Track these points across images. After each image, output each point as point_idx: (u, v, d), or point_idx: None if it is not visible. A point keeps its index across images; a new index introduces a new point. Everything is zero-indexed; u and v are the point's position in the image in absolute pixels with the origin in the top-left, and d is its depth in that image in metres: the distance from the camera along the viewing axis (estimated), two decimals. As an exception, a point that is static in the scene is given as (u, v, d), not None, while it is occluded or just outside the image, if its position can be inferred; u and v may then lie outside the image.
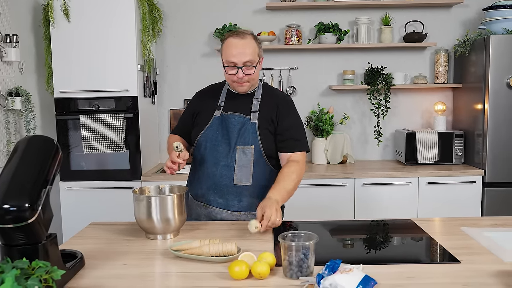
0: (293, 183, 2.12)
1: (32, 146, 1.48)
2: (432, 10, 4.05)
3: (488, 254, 1.70)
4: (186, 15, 4.06)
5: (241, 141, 2.17)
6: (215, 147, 2.20)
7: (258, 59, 2.16)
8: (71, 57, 3.53)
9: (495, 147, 3.53)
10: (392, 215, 3.42)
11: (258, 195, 2.19)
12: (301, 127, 2.28)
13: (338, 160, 3.91)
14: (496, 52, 3.46)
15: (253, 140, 2.17)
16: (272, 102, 2.24)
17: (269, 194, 2.03)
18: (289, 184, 2.10)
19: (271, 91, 2.32)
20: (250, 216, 2.18)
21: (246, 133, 2.17)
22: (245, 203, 2.20)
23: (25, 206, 1.33)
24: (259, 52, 2.18)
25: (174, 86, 4.14)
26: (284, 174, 2.14)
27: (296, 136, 2.23)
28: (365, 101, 4.07)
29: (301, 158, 2.22)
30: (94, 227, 2.11)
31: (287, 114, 2.25)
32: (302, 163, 2.21)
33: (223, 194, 2.20)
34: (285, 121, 2.22)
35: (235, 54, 2.10)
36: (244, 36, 2.13)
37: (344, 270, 1.39)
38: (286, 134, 2.22)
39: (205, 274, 1.55)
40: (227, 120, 2.21)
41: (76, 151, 3.60)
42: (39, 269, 1.23)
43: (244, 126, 2.18)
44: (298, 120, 2.30)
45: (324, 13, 4.04)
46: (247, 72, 2.13)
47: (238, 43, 2.11)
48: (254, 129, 2.18)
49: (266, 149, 2.19)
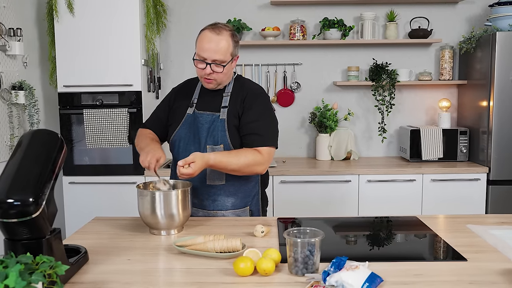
0: (239, 162, 2.01)
1: (36, 140, 1.47)
2: (438, 6, 4.02)
3: (495, 252, 1.68)
4: (190, 9, 4.04)
5: (211, 140, 2.12)
6: (187, 146, 2.17)
7: (230, 59, 2.07)
8: (75, 51, 3.51)
9: (500, 144, 3.51)
10: (396, 212, 3.41)
11: (232, 193, 2.17)
12: (266, 120, 2.14)
13: (342, 156, 3.89)
14: (502, 49, 3.44)
15: (221, 138, 2.11)
16: (240, 96, 2.15)
17: (209, 154, 1.98)
18: (233, 159, 2.01)
19: (243, 84, 2.21)
20: (226, 215, 2.17)
21: (215, 132, 2.12)
22: (220, 202, 2.17)
23: (29, 200, 1.32)
24: (233, 51, 2.08)
25: (178, 81, 4.04)
26: (239, 150, 2.07)
27: (258, 130, 2.10)
28: (370, 97, 4.05)
29: (264, 151, 2.08)
30: (97, 222, 2.11)
31: (251, 106, 2.13)
32: (264, 156, 2.07)
33: (197, 194, 2.17)
34: (247, 114, 2.12)
35: (206, 49, 2.02)
36: (221, 32, 2.04)
37: (350, 267, 1.38)
38: (248, 128, 2.11)
39: (210, 270, 1.54)
40: (197, 118, 2.16)
41: (79, 146, 3.60)
42: (43, 264, 1.22)
43: (213, 124, 2.13)
44: (265, 113, 2.15)
45: (329, 9, 4.02)
46: (215, 70, 2.05)
47: (212, 38, 2.03)
48: (223, 127, 2.12)
49: (236, 146, 2.12)
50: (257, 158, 2.06)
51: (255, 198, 2.26)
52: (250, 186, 2.22)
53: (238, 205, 2.20)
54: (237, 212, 2.20)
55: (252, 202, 2.24)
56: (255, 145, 2.09)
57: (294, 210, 3.43)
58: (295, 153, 4.12)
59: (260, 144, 2.09)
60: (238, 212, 2.20)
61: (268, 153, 2.10)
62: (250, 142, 2.10)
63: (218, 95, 2.19)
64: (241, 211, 2.21)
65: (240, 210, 2.21)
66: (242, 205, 2.21)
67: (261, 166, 2.09)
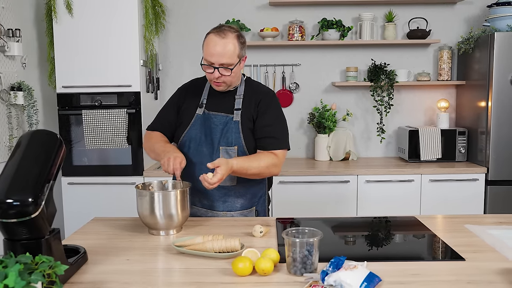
0: (259, 165, 2.06)
1: (35, 140, 1.47)
2: (436, 7, 4.03)
3: (493, 252, 1.69)
4: (189, 10, 4.05)
5: (224, 141, 2.13)
6: (199, 147, 2.17)
7: (237, 61, 2.07)
8: (74, 52, 3.51)
9: (499, 144, 3.52)
10: (394, 212, 3.42)
11: (242, 194, 2.19)
12: (281, 124, 2.19)
13: (341, 156, 3.90)
14: (500, 50, 3.44)
15: (236, 140, 2.13)
16: (253, 99, 2.17)
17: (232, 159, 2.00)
18: (254, 163, 2.06)
19: (254, 87, 2.24)
20: (235, 215, 2.19)
21: (229, 133, 2.13)
22: (230, 203, 2.19)
23: (28, 200, 1.32)
24: (240, 53, 2.07)
25: (176, 82, 4.11)
26: (257, 154, 2.12)
27: (274, 134, 2.15)
28: (368, 98, 4.06)
29: (280, 154, 2.14)
30: (96, 223, 2.11)
31: (266, 110, 2.16)
32: (280, 158, 2.14)
33: (208, 196, 2.18)
34: (263, 118, 2.15)
35: (213, 53, 2.02)
36: (226, 35, 2.03)
37: (349, 267, 1.39)
38: (264, 132, 2.14)
39: (208, 270, 1.54)
40: (209, 119, 2.16)
41: (78, 146, 3.60)
42: (42, 264, 1.23)
43: (226, 126, 2.14)
44: (279, 117, 2.20)
45: (327, 9, 4.02)
46: (223, 73, 2.05)
47: (217, 42, 2.02)
48: (237, 129, 2.13)
49: (249, 148, 2.15)
50: (274, 161, 2.11)
51: (261, 199, 2.28)
52: (258, 187, 2.25)
53: (246, 205, 2.22)
54: (245, 213, 2.22)
55: (259, 202, 2.26)
56: (271, 148, 2.14)
57: (293, 210, 3.43)
58: (294, 153, 4.12)
59: (275, 147, 2.14)
60: (245, 212, 2.22)
61: (283, 155, 2.17)
62: (266, 145, 2.14)
63: (229, 96, 2.19)
64: (248, 211, 2.23)
65: (247, 211, 2.23)
66: (249, 206, 2.23)
67: (277, 168, 2.14)
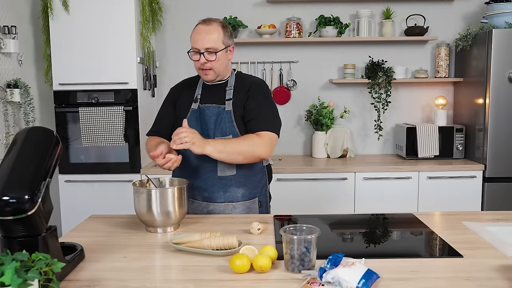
0: (239, 143, 2.08)
1: (31, 137, 1.46)
2: (434, 3, 4.02)
3: (491, 248, 1.69)
4: (186, 7, 4.04)
5: (219, 131, 2.17)
6: None
7: (223, 47, 2.13)
8: (70, 49, 3.50)
9: (496, 141, 3.52)
10: (392, 209, 3.40)
11: (242, 183, 2.21)
12: (267, 107, 2.22)
13: (338, 154, 3.89)
14: (498, 46, 3.44)
15: (230, 129, 2.17)
16: (243, 87, 2.23)
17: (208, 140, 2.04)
18: (233, 141, 2.09)
19: (245, 78, 2.30)
20: (236, 207, 2.20)
21: (222, 123, 2.17)
22: (231, 193, 2.21)
23: (24, 198, 1.31)
24: (225, 40, 2.15)
25: (173, 79, 4.06)
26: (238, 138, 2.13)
27: (258, 116, 2.17)
28: (366, 95, 4.05)
29: (264, 135, 2.14)
30: (93, 220, 2.10)
31: (254, 95, 2.21)
32: (264, 139, 2.12)
33: (208, 187, 2.20)
34: (250, 102, 2.19)
35: (198, 39, 2.11)
36: (210, 23, 2.14)
37: (347, 264, 1.38)
38: (250, 115, 2.18)
39: (206, 267, 1.54)
40: (203, 112, 2.21)
41: (75, 144, 3.59)
42: (39, 262, 1.22)
43: (219, 116, 2.18)
44: (266, 102, 2.22)
45: (325, 6, 4.01)
46: (208, 58, 2.11)
47: (202, 29, 2.12)
48: (230, 118, 2.17)
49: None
50: (257, 140, 2.11)
51: (263, 190, 2.30)
52: (259, 176, 2.27)
53: (248, 196, 2.23)
54: (247, 204, 2.23)
55: (261, 193, 2.29)
56: (256, 129, 2.15)
57: (290, 207, 3.39)
58: (291, 150, 4.12)
59: (260, 128, 2.15)
60: (248, 203, 2.23)
61: (269, 137, 2.14)
62: (252, 127, 2.17)
63: (221, 89, 2.24)
64: (251, 202, 2.24)
65: (250, 202, 2.24)
66: (251, 196, 2.24)
67: (261, 147, 2.11)
